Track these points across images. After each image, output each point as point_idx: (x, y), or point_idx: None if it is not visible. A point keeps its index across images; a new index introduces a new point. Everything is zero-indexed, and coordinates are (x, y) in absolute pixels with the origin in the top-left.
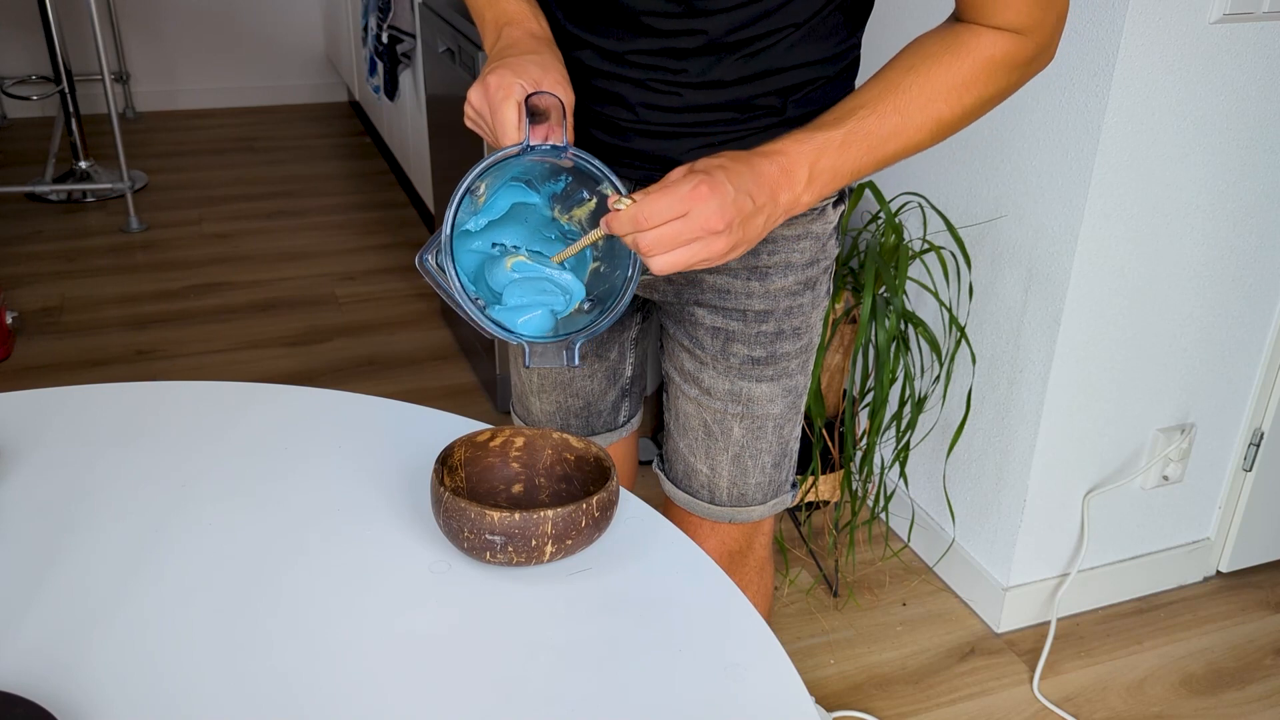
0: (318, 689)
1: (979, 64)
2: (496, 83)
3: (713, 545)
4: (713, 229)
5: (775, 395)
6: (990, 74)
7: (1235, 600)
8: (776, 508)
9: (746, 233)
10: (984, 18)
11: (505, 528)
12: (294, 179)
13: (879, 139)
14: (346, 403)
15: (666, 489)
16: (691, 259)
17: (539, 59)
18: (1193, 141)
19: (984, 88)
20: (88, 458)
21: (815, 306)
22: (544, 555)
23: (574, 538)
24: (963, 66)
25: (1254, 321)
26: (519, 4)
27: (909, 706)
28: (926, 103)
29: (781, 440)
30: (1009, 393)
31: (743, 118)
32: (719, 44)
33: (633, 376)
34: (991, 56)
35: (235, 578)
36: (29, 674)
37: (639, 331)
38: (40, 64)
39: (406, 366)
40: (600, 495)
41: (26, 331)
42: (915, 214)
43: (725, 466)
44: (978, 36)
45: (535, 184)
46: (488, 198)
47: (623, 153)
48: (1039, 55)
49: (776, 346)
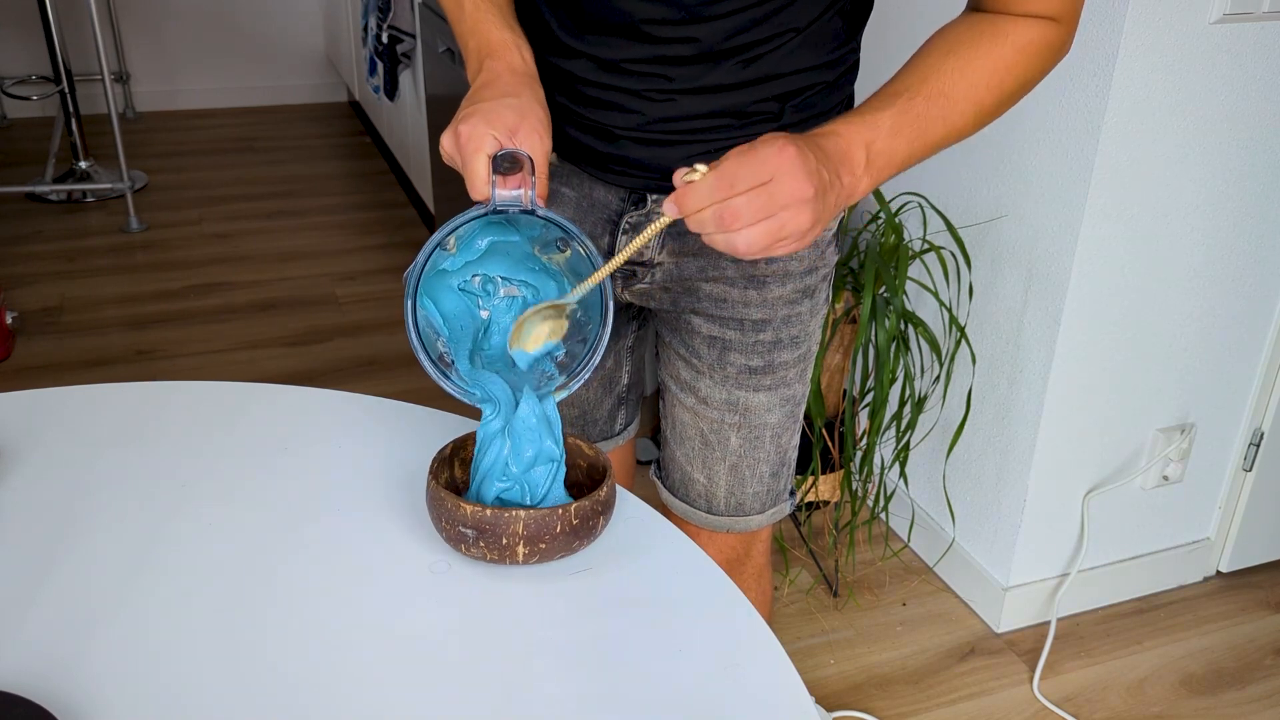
0: (317, 688)
1: (1018, 48)
2: (467, 133)
3: (711, 554)
4: (803, 195)
5: (773, 405)
6: (1028, 59)
7: (1235, 600)
8: (774, 517)
9: (826, 207)
10: (1016, 6)
11: (476, 521)
12: (294, 179)
13: (927, 123)
14: (346, 403)
15: (664, 498)
16: (779, 233)
17: (516, 104)
18: (1193, 141)
19: (1023, 71)
20: (88, 458)
21: (814, 315)
22: (516, 556)
23: (547, 542)
24: (1004, 51)
25: (1254, 321)
26: (502, 33)
27: (909, 706)
28: (969, 87)
29: (779, 450)
30: (1009, 393)
31: (739, 124)
32: (716, 51)
33: (629, 385)
34: (1031, 40)
35: (235, 577)
36: (29, 674)
37: (635, 339)
38: (40, 64)
39: (406, 366)
40: (580, 504)
41: (26, 331)
42: (915, 214)
43: (723, 476)
44: (1014, 23)
45: (515, 224)
46: (465, 241)
47: (616, 160)
48: (1067, 41)
49: (774, 356)
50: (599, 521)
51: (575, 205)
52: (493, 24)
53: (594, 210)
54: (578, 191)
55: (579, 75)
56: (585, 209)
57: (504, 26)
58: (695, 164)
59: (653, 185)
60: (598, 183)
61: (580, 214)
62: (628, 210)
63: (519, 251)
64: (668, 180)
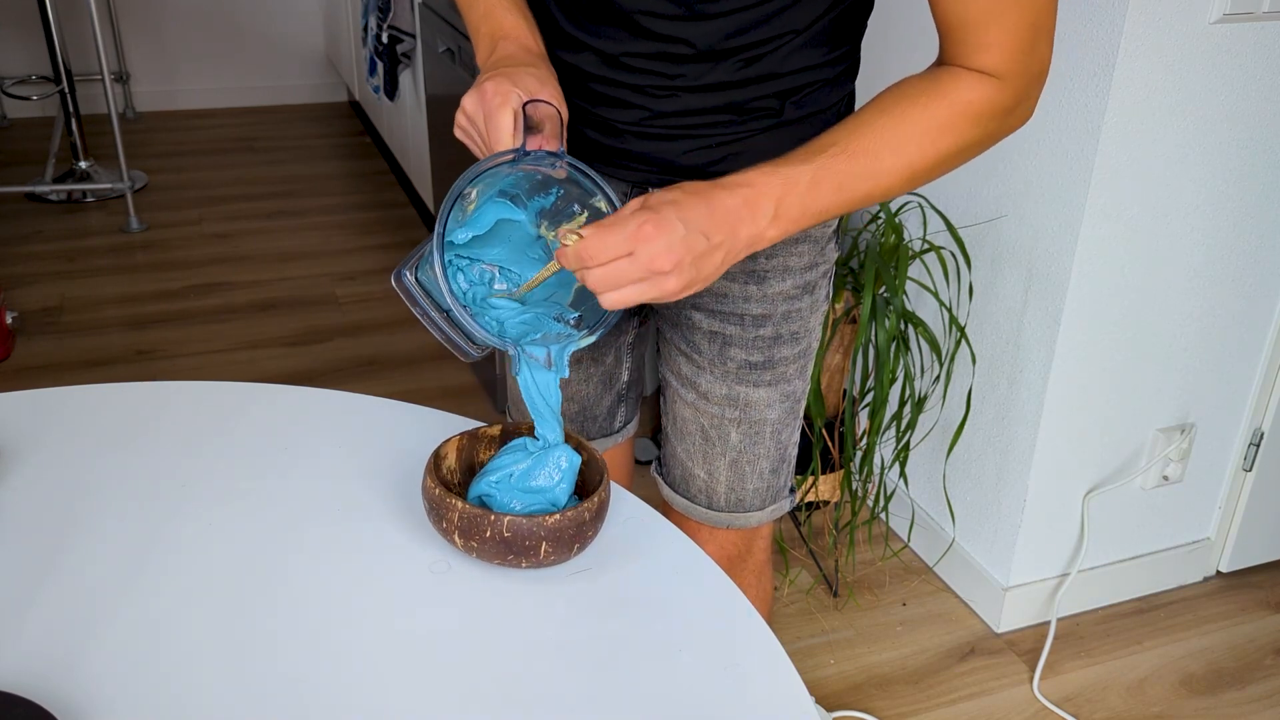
0: (318, 688)
1: (956, 109)
2: (493, 89)
3: (711, 550)
4: (659, 269)
5: (773, 400)
6: (967, 121)
7: (1235, 600)
8: (775, 514)
9: (700, 271)
10: (964, 59)
11: (463, 520)
12: (294, 179)
13: (849, 179)
14: (346, 403)
15: (664, 494)
16: (640, 297)
17: (535, 72)
18: (1193, 141)
19: (959, 135)
20: (88, 458)
21: (814, 311)
22: (502, 558)
23: (543, 544)
24: (939, 110)
25: (1254, 321)
26: (515, 19)
27: (909, 706)
28: (899, 145)
29: (779, 445)
30: (1009, 393)
31: (740, 120)
32: (717, 50)
33: (629, 382)
34: (970, 101)
35: (235, 577)
36: (29, 674)
37: (636, 336)
38: (40, 64)
39: (406, 366)
40: (564, 514)
41: (26, 331)
42: (915, 214)
43: (723, 472)
44: (956, 80)
45: (522, 199)
46: (474, 210)
47: (619, 154)
48: (1017, 107)
49: (774, 351)
50: (587, 530)
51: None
52: (506, 10)
53: None
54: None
55: (584, 70)
56: None
57: (517, 13)
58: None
59: (654, 179)
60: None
61: None
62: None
63: (520, 235)
64: (669, 173)
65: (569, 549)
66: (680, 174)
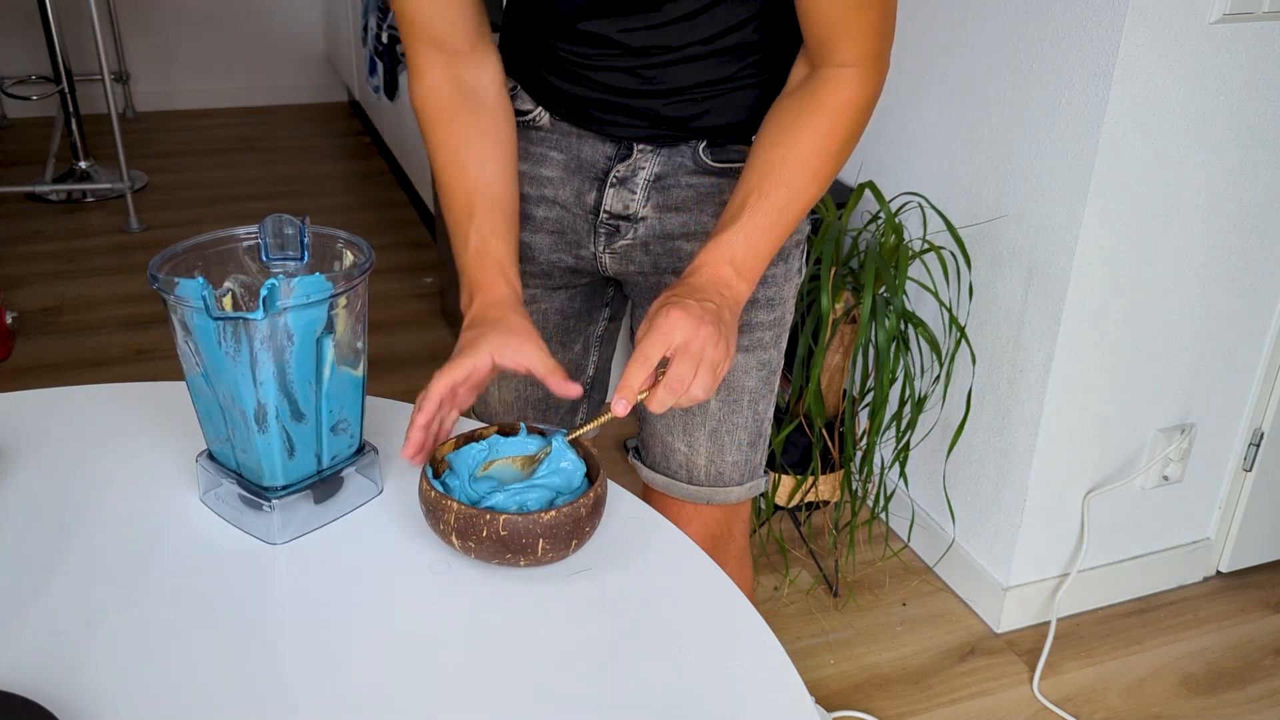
0: (317, 689)
1: (835, 113)
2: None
3: (694, 530)
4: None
5: (750, 367)
6: (848, 118)
7: (1235, 600)
8: (753, 490)
9: (724, 325)
10: (831, 58)
11: (459, 521)
12: (294, 179)
13: (777, 214)
14: None
15: (644, 475)
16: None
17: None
18: (1193, 141)
19: (844, 129)
20: (88, 458)
21: (788, 280)
22: (500, 557)
23: (537, 543)
24: (823, 120)
25: (1254, 321)
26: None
27: (909, 706)
28: (802, 165)
29: (756, 417)
30: (1009, 393)
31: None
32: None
33: (594, 379)
34: (846, 102)
35: (235, 577)
36: (29, 674)
37: (606, 330)
38: (40, 64)
39: (406, 366)
40: (559, 510)
41: (26, 331)
42: (915, 214)
43: (703, 443)
44: (829, 85)
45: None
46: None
47: (609, 108)
48: (878, 88)
49: (750, 315)
50: (580, 530)
51: (564, 167)
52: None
53: (581, 170)
54: (565, 154)
55: (577, 52)
56: (573, 169)
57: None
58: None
59: (641, 134)
60: (585, 139)
61: (568, 174)
62: (614, 165)
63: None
64: (657, 128)
65: (566, 546)
66: (665, 125)
